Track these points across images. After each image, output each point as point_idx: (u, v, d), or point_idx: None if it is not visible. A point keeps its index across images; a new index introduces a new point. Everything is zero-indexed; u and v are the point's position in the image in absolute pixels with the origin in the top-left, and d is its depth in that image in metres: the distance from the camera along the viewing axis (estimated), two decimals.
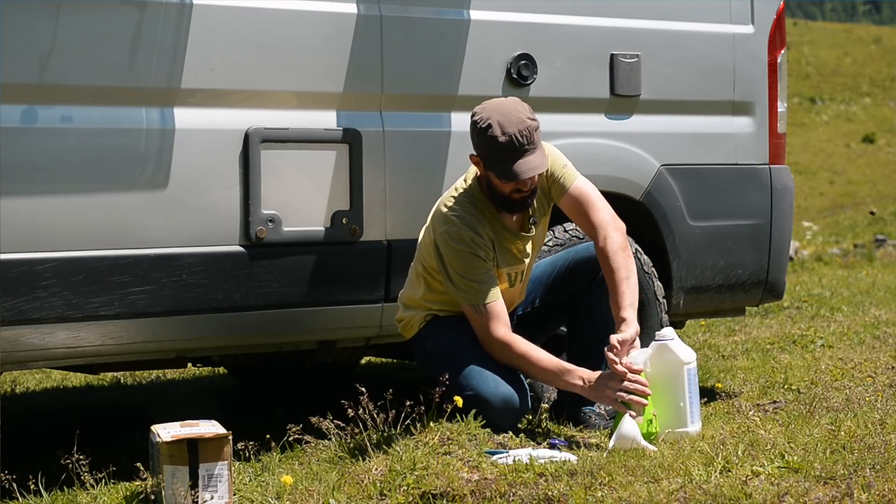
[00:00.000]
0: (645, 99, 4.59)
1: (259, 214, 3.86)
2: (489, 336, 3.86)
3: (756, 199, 4.86)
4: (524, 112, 3.80)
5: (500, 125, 3.75)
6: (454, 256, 3.83)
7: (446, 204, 3.89)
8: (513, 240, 3.96)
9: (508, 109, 3.80)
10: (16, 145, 3.50)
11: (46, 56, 3.54)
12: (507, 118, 3.76)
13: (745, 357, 5.94)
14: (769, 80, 4.87)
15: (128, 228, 3.68)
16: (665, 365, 3.87)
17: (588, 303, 4.07)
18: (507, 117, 3.77)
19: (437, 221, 3.88)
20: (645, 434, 3.68)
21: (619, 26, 4.56)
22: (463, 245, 3.83)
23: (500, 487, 3.22)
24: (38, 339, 3.58)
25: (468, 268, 3.83)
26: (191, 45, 3.75)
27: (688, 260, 4.65)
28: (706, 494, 3.05)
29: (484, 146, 3.79)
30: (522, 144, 3.75)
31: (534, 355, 3.84)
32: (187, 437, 3.25)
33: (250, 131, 3.85)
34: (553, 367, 3.84)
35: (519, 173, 3.75)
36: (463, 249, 3.83)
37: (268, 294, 3.89)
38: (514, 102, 3.85)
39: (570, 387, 3.83)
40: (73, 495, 3.47)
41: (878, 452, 3.35)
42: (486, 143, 3.77)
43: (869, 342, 6.15)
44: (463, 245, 3.83)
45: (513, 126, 3.75)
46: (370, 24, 4.05)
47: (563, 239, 4.37)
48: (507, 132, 3.74)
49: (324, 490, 3.30)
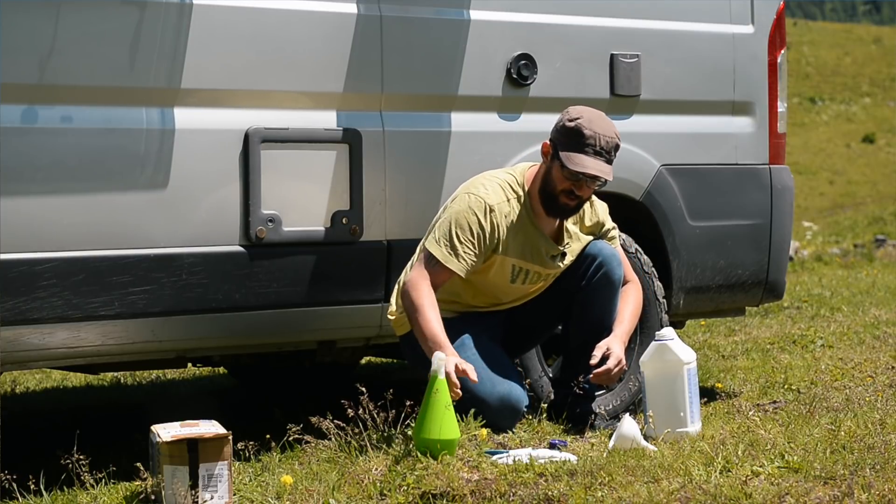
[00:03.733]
0: (645, 99, 4.59)
1: (259, 214, 3.86)
2: (412, 278, 3.83)
3: (756, 199, 4.86)
4: (614, 129, 3.94)
5: (591, 122, 3.89)
6: (460, 214, 3.87)
7: (488, 177, 3.97)
8: (538, 242, 3.98)
9: (602, 117, 3.95)
10: (16, 145, 3.50)
11: (46, 56, 3.54)
12: (600, 122, 3.91)
13: (745, 357, 5.94)
14: (769, 80, 4.87)
15: (128, 228, 3.68)
16: (665, 365, 3.87)
17: (581, 301, 4.07)
18: (601, 121, 3.91)
19: (467, 185, 3.95)
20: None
21: (619, 26, 4.56)
22: (479, 213, 3.87)
23: (500, 487, 3.22)
24: (38, 339, 3.58)
25: (463, 227, 3.86)
26: (191, 45, 3.75)
27: (688, 260, 4.65)
28: (706, 494, 3.05)
29: (567, 133, 3.88)
30: (603, 147, 3.87)
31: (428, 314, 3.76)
32: (187, 437, 3.26)
33: (250, 131, 3.85)
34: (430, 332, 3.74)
35: (584, 165, 3.84)
36: (473, 212, 3.87)
37: (268, 294, 3.89)
38: (609, 119, 3.97)
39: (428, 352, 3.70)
40: (73, 495, 3.47)
41: (878, 452, 3.35)
42: (570, 131, 3.88)
43: (869, 342, 6.16)
44: (479, 213, 3.87)
45: (601, 129, 3.89)
46: (370, 24, 4.05)
47: None
48: (594, 130, 3.87)
49: (324, 490, 3.30)
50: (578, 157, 3.85)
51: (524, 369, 4.18)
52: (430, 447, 3.43)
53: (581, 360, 4.01)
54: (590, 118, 3.89)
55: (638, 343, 4.41)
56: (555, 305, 4.12)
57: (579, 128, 3.87)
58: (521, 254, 3.96)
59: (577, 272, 4.07)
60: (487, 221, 3.87)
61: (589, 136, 3.85)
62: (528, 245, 3.96)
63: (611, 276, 4.05)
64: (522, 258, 3.97)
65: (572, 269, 4.09)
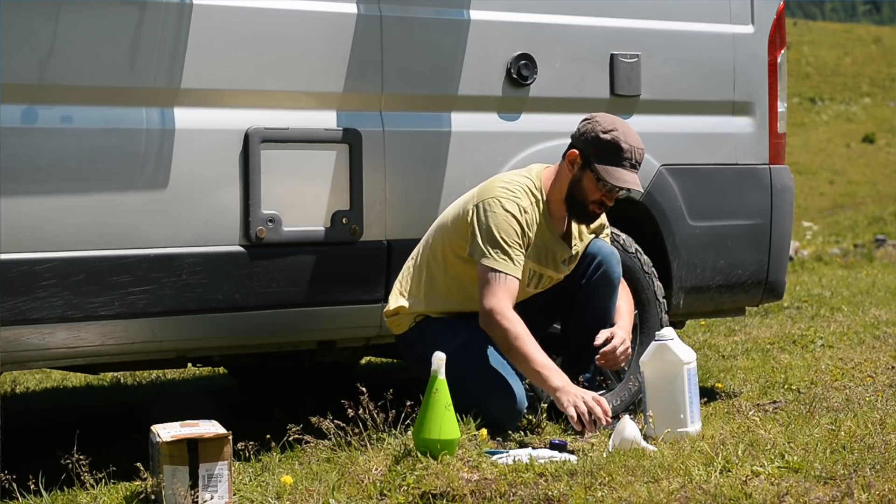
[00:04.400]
0: (645, 99, 4.59)
1: (259, 214, 3.86)
2: (495, 304, 3.80)
3: (756, 199, 4.86)
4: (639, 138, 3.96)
5: (626, 135, 3.91)
6: (499, 218, 3.85)
7: (507, 180, 3.95)
8: (553, 246, 3.98)
9: (630, 126, 3.97)
10: (16, 145, 3.50)
11: (46, 56, 3.54)
12: (631, 133, 3.94)
13: (745, 357, 5.94)
14: (769, 80, 4.87)
15: (128, 228, 3.68)
16: (665, 365, 3.87)
17: (581, 300, 4.08)
18: (630, 132, 3.95)
19: (489, 189, 3.92)
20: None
21: (619, 26, 4.56)
22: (514, 210, 3.86)
23: (500, 487, 3.22)
24: (38, 339, 3.58)
25: (509, 232, 3.85)
26: (191, 45, 3.75)
27: (688, 260, 4.65)
28: (706, 494, 3.05)
29: (602, 146, 3.88)
30: (637, 161, 3.92)
31: (527, 341, 3.78)
32: (187, 437, 3.25)
33: (250, 131, 3.85)
34: (539, 358, 3.77)
35: (624, 181, 3.87)
36: (511, 214, 3.86)
37: (268, 294, 3.89)
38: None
39: (543, 384, 3.78)
40: (73, 495, 3.47)
41: (878, 452, 3.35)
42: (607, 144, 3.88)
43: (869, 342, 6.16)
44: (514, 210, 3.86)
45: (634, 141, 3.92)
46: (370, 24, 4.05)
47: None
48: (630, 143, 3.90)
49: (324, 490, 3.30)
50: (618, 172, 3.88)
51: None
52: (430, 447, 3.43)
53: (581, 358, 4.01)
54: (624, 131, 3.91)
55: (638, 343, 4.41)
56: (552, 304, 4.12)
57: (616, 141, 3.88)
58: (537, 258, 3.97)
59: (576, 271, 4.08)
60: (524, 222, 3.89)
61: (626, 150, 3.88)
62: (545, 249, 3.97)
63: (610, 275, 4.06)
64: (538, 262, 3.98)
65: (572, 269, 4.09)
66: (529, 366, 3.79)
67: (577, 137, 3.95)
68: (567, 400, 3.71)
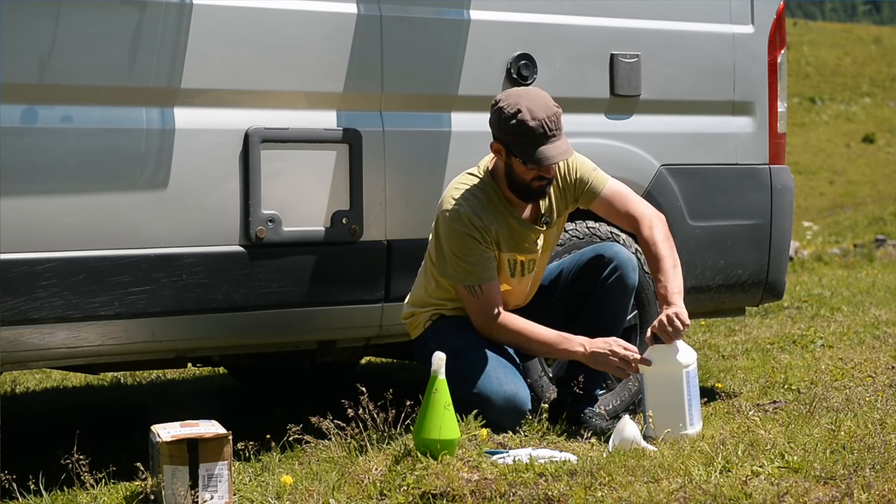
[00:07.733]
0: (645, 99, 4.59)
1: (259, 214, 3.86)
2: (484, 316, 3.89)
3: (756, 199, 4.86)
4: (549, 99, 3.84)
5: (530, 110, 3.78)
6: (451, 236, 3.85)
7: (454, 187, 3.92)
8: (522, 230, 3.96)
9: (533, 96, 3.83)
10: (16, 145, 3.50)
11: (46, 56, 3.54)
12: (535, 104, 3.79)
13: (745, 357, 5.94)
14: (769, 80, 4.87)
15: (128, 228, 3.68)
16: (665, 366, 3.86)
17: (593, 302, 4.06)
18: (535, 103, 3.79)
19: (441, 203, 3.91)
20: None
21: (619, 26, 4.56)
22: (460, 225, 3.84)
23: (500, 487, 3.22)
24: (38, 339, 3.58)
25: (463, 248, 3.84)
26: (191, 45, 3.75)
27: (688, 260, 4.65)
28: (706, 494, 3.05)
29: (512, 132, 3.80)
30: (551, 129, 3.78)
31: (530, 328, 3.92)
32: (187, 437, 3.26)
33: (250, 131, 3.85)
34: (551, 336, 3.91)
35: (548, 157, 3.79)
36: (460, 229, 3.84)
37: (268, 294, 3.89)
38: (536, 90, 3.90)
39: (570, 355, 3.92)
40: (73, 495, 3.47)
41: (878, 452, 3.35)
42: (515, 129, 3.79)
43: (869, 342, 6.15)
44: (460, 225, 3.84)
45: (541, 111, 3.78)
46: (370, 24, 4.05)
47: (563, 239, 4.36)
48: (536, 117, 3.77)
49: (324, 490, 3.30)
50: (538, 151, 3.78)
51: (524, 369, 4.17)
52: (430, 447, 3.43)
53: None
54: (527, 105, 3.78)
55: (638, 343, 4.40)
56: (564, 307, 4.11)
57: (524, 122, 3.76)
58: (509, 247, 3.96)
59: (590, 274, 4.06)
60: (477, 227, 3.85)
61: (536, 126, 3.76)
62: (513, 237, 3.96)
63: (625, 281, 4.04)
64: (511, 251, 3.96)
65: (586, 271, 4.08)
66: (548, 351, 3.96)
67: (491, 127, 3.89)
68: (598, 360, 3.87)
